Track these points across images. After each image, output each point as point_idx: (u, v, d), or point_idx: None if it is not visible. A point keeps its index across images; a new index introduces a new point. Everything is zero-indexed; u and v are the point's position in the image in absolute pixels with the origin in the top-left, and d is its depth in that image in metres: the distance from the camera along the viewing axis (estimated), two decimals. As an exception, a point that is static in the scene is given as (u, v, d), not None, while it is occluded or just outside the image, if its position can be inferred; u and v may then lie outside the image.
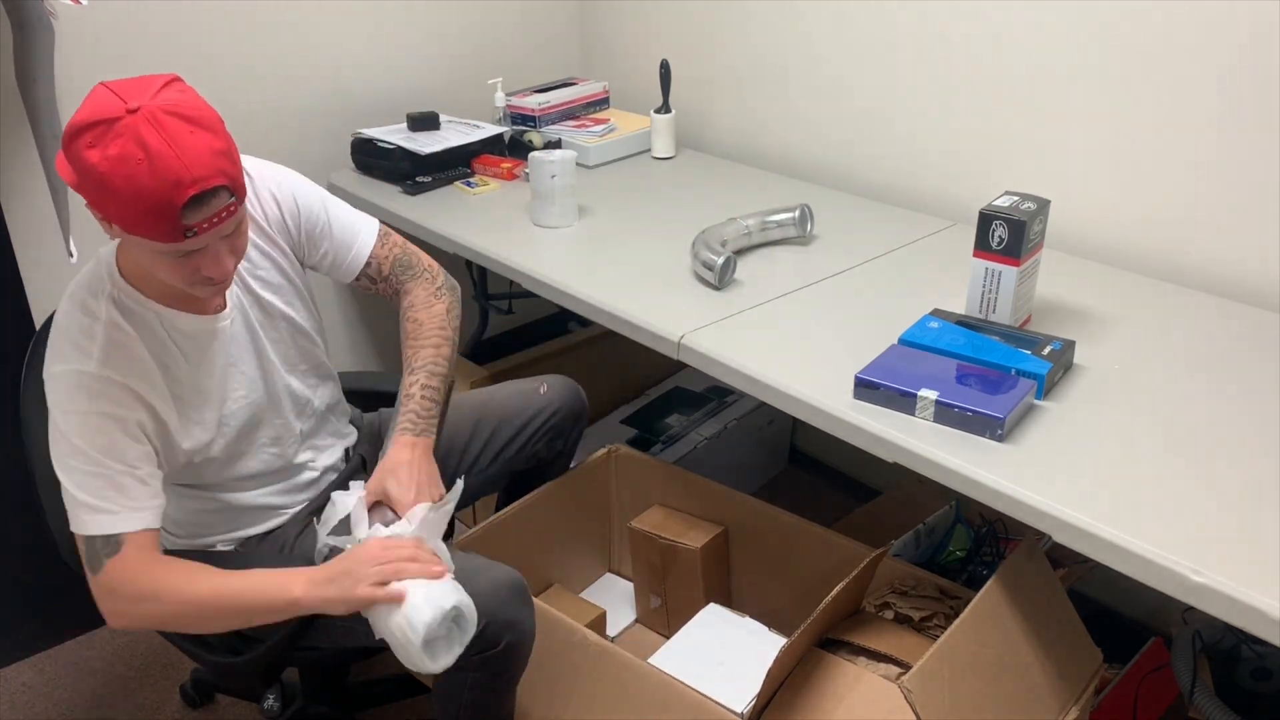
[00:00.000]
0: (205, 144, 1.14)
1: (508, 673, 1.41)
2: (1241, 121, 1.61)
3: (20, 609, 2.05)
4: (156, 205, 1.12)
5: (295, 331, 1.49)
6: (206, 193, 1.14)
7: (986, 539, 1.77)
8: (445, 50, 2.47)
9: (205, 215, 1.16)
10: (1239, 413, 1.33)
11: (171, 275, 1.22)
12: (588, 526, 1.96)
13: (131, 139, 1.10)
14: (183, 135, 1.12)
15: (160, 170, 1.11)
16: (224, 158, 1.16)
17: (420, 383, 1.49)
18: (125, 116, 1.11)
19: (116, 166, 1.10)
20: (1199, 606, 1.07)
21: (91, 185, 1.13)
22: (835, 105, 2.18)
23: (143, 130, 1.11)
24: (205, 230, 1.17)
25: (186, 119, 1.14)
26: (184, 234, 1.15)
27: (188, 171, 1.12)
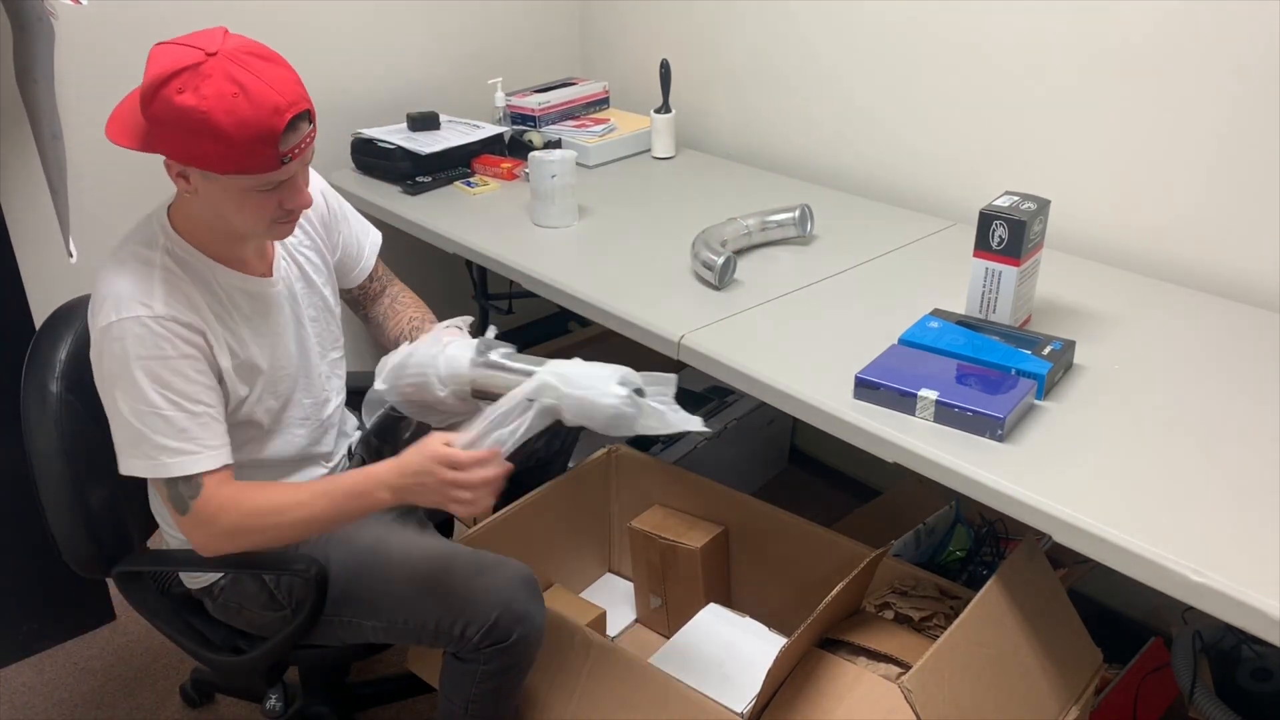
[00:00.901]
0: (285, 74, 1.22)
1: (517, 666, 1.42)
2: (1241, 121, 1.61)
3: (20, 609, 2.05)
4: (259, 133, 1.18)
5: (328, 313, 1.53)
6: (298, 116, 1.22)
7: (986, 539, 1.77)
8: (445, 50, 2.47)
9: (297, 140, 1.23)
10: (1239, 413, 1.33)
11: (256, 214, 1.27)
12: (588, 526, 1.96)
13: (223, 77, 1.17)
14: (266, 69, 1.20)
15: (257, 100, 1.17)
16: (302, 86, 1.24)
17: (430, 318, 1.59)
18: (207, 60, 1.17)
19: (216, 103, 1.16)
20: (1199, 606, 1.07)
21: (187, 131, 1.18)
22: (835, 105, 2.18)
23: (230, 68, 1.17)
24: (296, 155, 1.24)
25: (261, 56, 1.21)
26: (281, 160, 1.22)
27: (282, 98, 1.19)
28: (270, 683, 1.66)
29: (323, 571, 1.40)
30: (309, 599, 1.40)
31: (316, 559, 1.40)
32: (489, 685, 1.42)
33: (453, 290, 2.59)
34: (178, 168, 1.23)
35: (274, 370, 1.41)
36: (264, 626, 1.48)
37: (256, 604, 1.47)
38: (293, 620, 1.42)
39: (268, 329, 1.40)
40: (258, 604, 1.47)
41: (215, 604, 1.50)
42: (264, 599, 1.46)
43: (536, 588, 1.41)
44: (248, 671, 1.52)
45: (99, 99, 2.00)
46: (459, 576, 1.39)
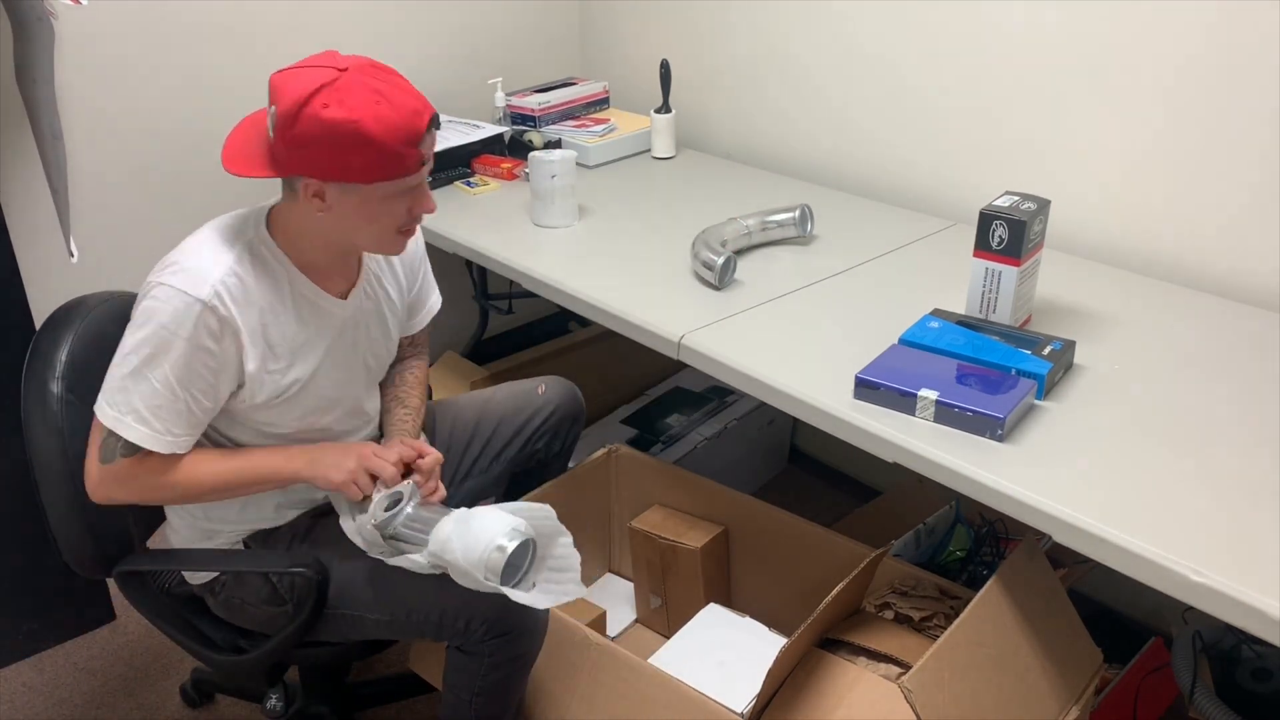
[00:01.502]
0: (407, 82, 1.27)
1: (523, 657, 1.43)
2: (1241, 121, 1.61)
3: (20, 609, 2.05)
4: (406, 135, 1.23)
5: (387, 354, 1.55)
6: (433, 118, 1.28)
7: (986, 539, 1.77)
8: (445, 50, 2.47)
9: (430, 143, 1.29)
10: (1239, 413, 1.33)
11: (388, 221, 1.32)
12: (588, 526, 1.96)
13: (363, 88, 1.22)
14: (394, 77, 1.26)
15: (400, 105, 1.23)
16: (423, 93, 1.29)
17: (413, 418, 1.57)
18: (341, 75, 1.22)
19: (365, 111, 1.21)
20: (1199, 606, 1.07)
21: (335, 144, 1.21)
22: (835, 105, 2.18)
23: (366, 79, 1.22)
24: (428, 158, 1.30)
25: (385, 68, 1.26)
26: (421, 161, 1.28)
27: (419, 100, 1.26)
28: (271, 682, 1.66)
29: (324, 570, 1.40)
30: (311, 595, 1.40)
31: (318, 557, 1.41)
32: (494, 677, 1.42)
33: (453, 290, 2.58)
34: (315, 187, 1.26)
35: (317, 382, 1.41)
36: (266, 623, 1.48)
37: (259, 599, 1.47)
38: (295, 617, 1.42)
39: (321, 347, 1.41)
40: (260, 599, 1.47)
41: (217, 600, 1.50)
42: (266, 594, 1.46)
43: None
44: (249, 671, 1.52)
45: (99, 99, 2.00)
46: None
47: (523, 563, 1.32)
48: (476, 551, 1.28)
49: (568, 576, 1.35)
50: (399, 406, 1.57)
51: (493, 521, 1.30)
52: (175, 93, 2.09)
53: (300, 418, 1.43)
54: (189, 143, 2.13)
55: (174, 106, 2.10)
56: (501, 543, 1.27)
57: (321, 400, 1.44)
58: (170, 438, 1.30)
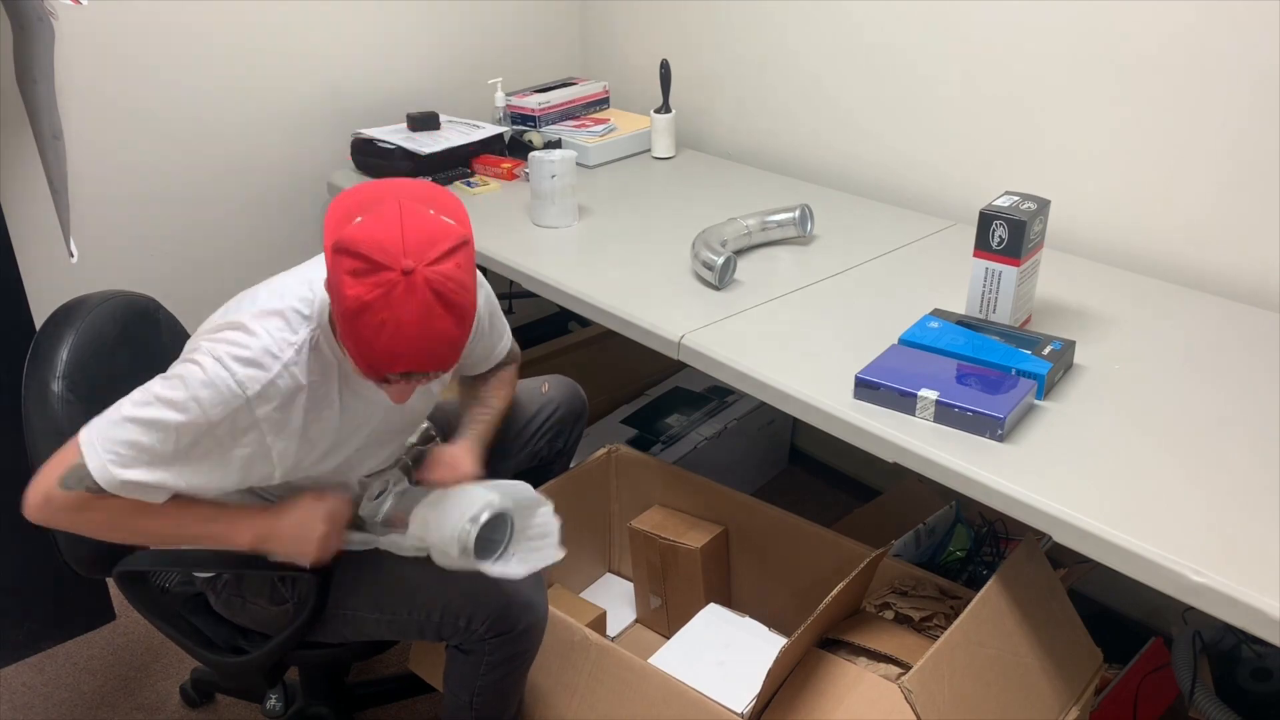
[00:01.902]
0: (445, 335, 1.16)
1: (523, 655, 1.43)
2: (1242, 121, 1.61)
3: (20, 609, 2.05)
4: (372, 360, 1.16)
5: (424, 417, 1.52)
6: (414, 373, 1.18)
7: (986, 539, 1.77)
8: (445, 50, 2.47)
9: (407, 380, 1.20)
10: (1239, 413, 1.34)
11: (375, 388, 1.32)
12: (588, 526, 1.96)
13: (384, 303, 1.12)
14: (431, 319, 1.14)
15: (392, 341, 1.13)
16: (452, 350, 1.18)
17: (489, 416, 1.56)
18: (398, 275, 1.12)
19: (362, 311, 1.12)
20: (1199, 606, 1.07)
21: (342, 310, 1.14)
22: (835, 105, 2.18)
23: (401, 299, 1.12)
24: (402, 384, 1.23)
25: (446, 300, 1.14)
26: (382, 381, 1.20)
27: (413, 358, 1.15)
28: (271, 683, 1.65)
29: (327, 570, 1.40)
30: (312, 593, 1.40)
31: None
32: (495, 676, 1.43)
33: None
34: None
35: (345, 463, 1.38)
36: (267, 622, 1.48)
37: (261, 598, 1.47)
38: (296, 616, 1.42)
39: (364, 433, 1.37)
40: (262, 598, 1.47)
41: (218, 598, 1.50)
42: (268, 592, 1.46)
43: (540, 577, 1.42)
44: (249, 671, 1.52)
45: (99, 99, 2.00)
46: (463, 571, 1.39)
47: (501, 537, 1.31)
48: (449, 528, 1.27)
49: (546, 542, 1.33)
50: (479, 405, 1.56)
51: (467, 498, 1.29)
52: (175, 92, 2.09)
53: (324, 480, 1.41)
54: (189, 142, 2.13)
55: (174, 106, 2.10)
56: (474, 514, 1.26)
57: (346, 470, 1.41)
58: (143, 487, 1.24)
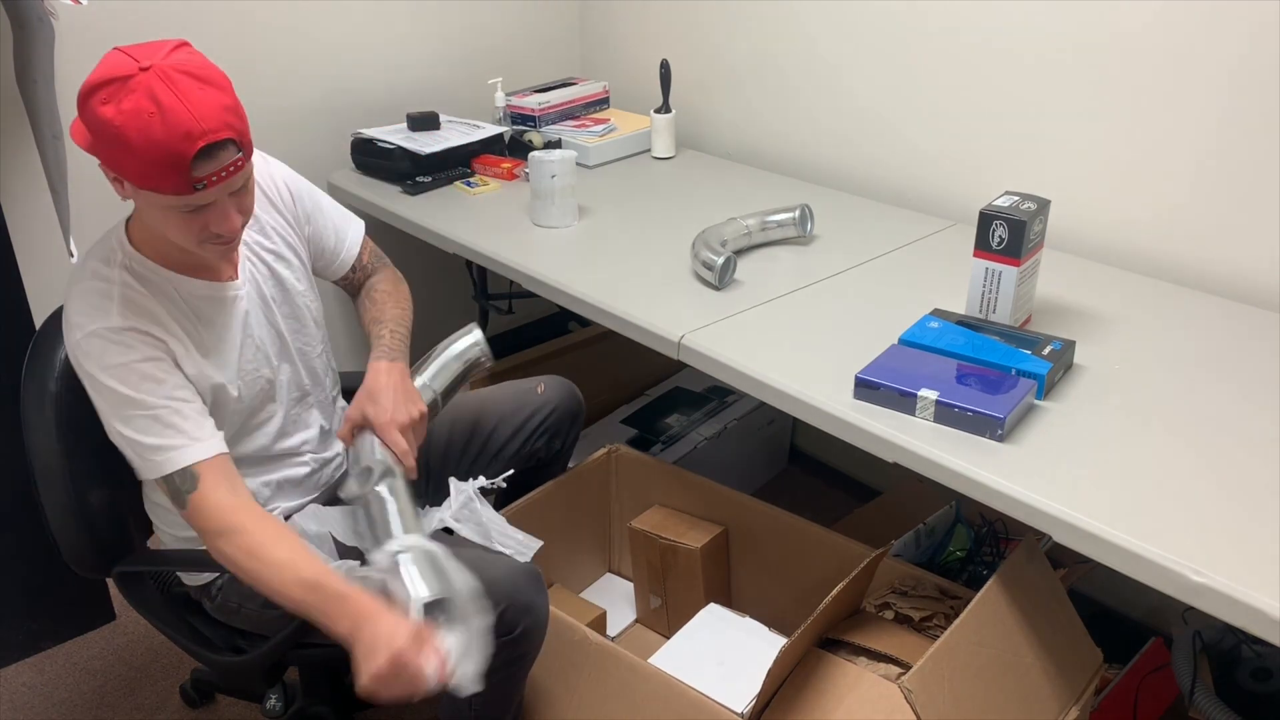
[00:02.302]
0: (214, 100, 1.19)
1: (524, 657, 1.43)
2: (1242, 121, 1.61)
3: (20, 609, 2.05)
4: (168, 156, 1.16)
5: (306, 310, 1.52)
6: (215, 145, 1.18)
7: (986, 539, 1.77)
8: (445, 50, 2.47)
9: (214, 168, 1.20)
10: (1239, 413, 1.33)
11: (181, 232, 1.26)
12: (588, 526, 1.96)
13: (144, 94, 1.15)
14: (193, 91, 1.17)
15: (171, 123, 1.15)
16: (232, 113, 1.21)
17: (389, 329, 1.55)
18: (138, 74, 1.16)
19: (130, 120, 1.15)
20: (1199, 606, 1.07)
21: (106, 141, 1.18)
22: (835, 105, 2.18)
23: (155, 86, 1.15)
24: (214, 184, 1.21)
25: (196, 77, 1.18)
26: (193, 186, 1.19)
27: (197, 124, 1.16)
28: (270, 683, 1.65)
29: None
30: None
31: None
32: (495, 677, 1.42)
33: (453, 290, 2.59)
34: (110, 173, 1.23)
35: (245, 373, 1.41)
36: (263, 625, 1.48)
37: (255, 602, 1.46)
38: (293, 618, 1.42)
39: (237, 332, 1.40)
40: (257, 602, 1.46)
41: (214, 604, 1.50)
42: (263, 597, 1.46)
43: (540, 579, 1.42)
44: (248, 671, 1.51)
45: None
46: None
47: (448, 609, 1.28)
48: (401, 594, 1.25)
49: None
50: (375, 326, 1.57)
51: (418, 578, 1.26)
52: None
53: (252, 415, 1.44)
54: (189, 143, 2.13)
55: (174, 106, 2.10)
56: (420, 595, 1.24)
57: (260, 385, 1.44)
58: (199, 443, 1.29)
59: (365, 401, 1.44)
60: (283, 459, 1.50)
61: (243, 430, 1.44)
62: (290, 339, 1.49)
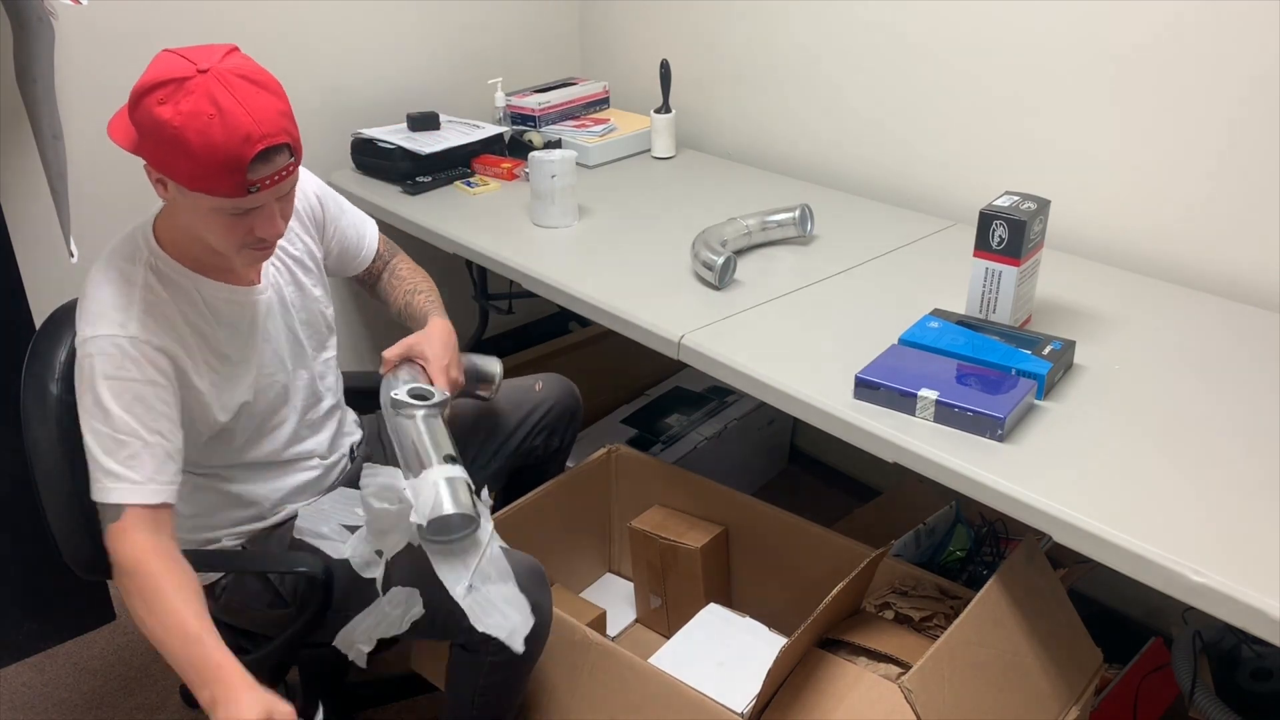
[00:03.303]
0: (271, 104, 1.21)
1: (527, 656, 1.42)
2: (1242, 121, 1.61)
3: (20, 609, 2.05)
4: (227, 159, 1.17)
5: (320, 315, 1.53)
6: (272, 149, 1.20)
7: (986, 539, 1.77)
8: (445, 50, 2.47)
9: (268, 172, 1.21)
10: (1239, 413, 1.33)
11: (225, 235, 1.26)
12: (588, 526, 1.96)
13: (204, 96, 1.16)
14: (251, 95, 1.19)
15: (231, 125, 1.16)
16: (287, 119, 1.23)
17: (430, 297, 1.63)
18: (196, 76, 1.17)
19: (190, 121, 1.16)
20: (1199, 606, 1.07)
21: (160, 142, 1.18)
22: (835, 105, 2.18)
23: (214, 89, 1.16)
24: (267, 187, 1.22)
25: (253, 81, 1.20)
26: (248, 189, 1.21)
27: (257, 128, 1.18)
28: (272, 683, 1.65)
29: (330, 570, 1.40)
30: (314, 597, 1.40)
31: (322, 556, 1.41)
32: (498, 676, 1.43)
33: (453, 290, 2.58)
34: (156, 174, 1.24)
35: (262, 378, 1.42)
36: (267, 625, 1.48)
37: (260, 603, 1.47)
38: (297, 618, 1.42)
39: (257, 337, 1.41)
40: (261, 603, 1.47)
41: (217, 604, 1.49)
42: (269, 598, 1.46)
43: (544, 577, 1.42)
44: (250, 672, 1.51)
45: (99, 99, 2.00)
46: None
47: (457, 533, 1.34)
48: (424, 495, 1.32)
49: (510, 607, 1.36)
50: (414, 295, 1.62)
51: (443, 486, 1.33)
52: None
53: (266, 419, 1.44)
54: (189, 143, 2.13)
55: (174, 106, 2.10)
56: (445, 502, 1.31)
57: (276, 390, 1.44)
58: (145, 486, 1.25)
59: (424, 341, 1.51)
60: (293, 464, 1.51)
61: (257, 434, 1.44)
62: (307, 344, 1.50)
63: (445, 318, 1.59)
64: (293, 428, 1.49)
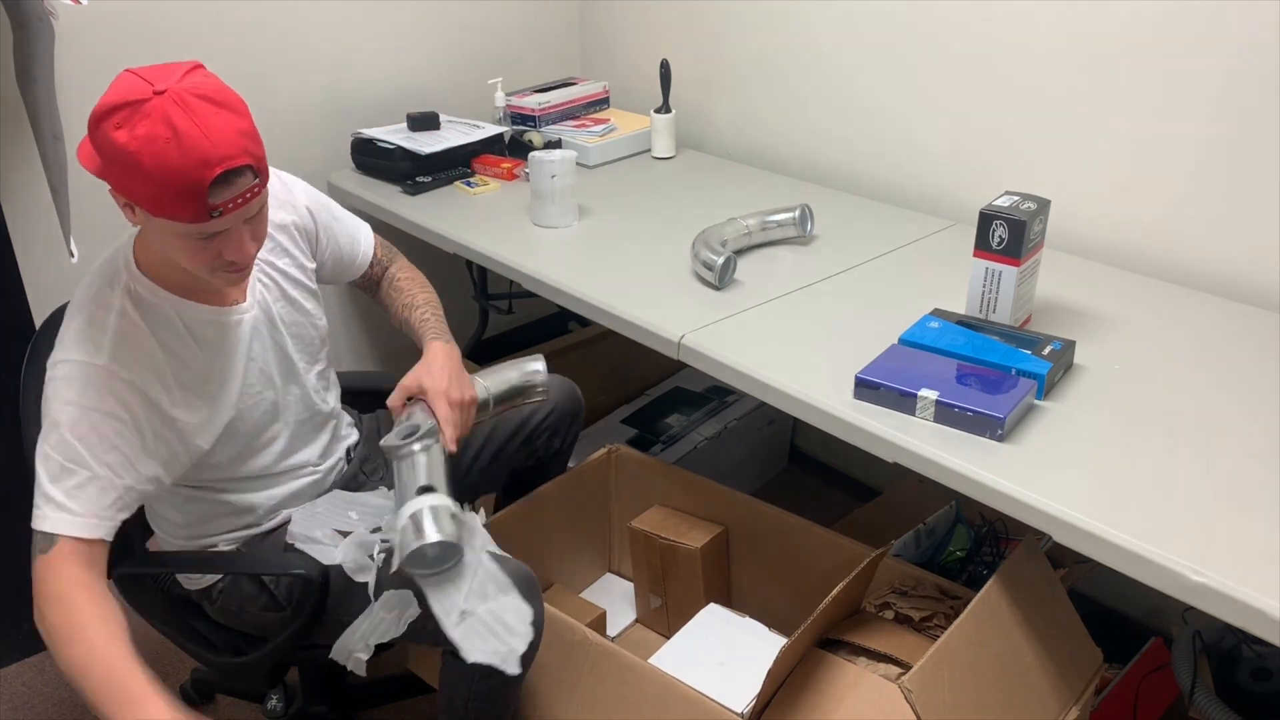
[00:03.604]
0: (231, 124, 1.16)
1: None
2: (1242, 121, 1.61)
3: (20, 609, 2.05)
4: (184, 184, 1.13)
5: (311, 328, 1.51)
6: (232, 171, 1.16)
7: (986, 539, 1.77)
8: (445, 50, 2.47)
9: (231, 195, 1.17)
10: (1239, 412, 1.33)
11: (194, 259, 1.23)
12: (588, 526, 1.96)
13: (159, 119, 1.12)
14: (209, 116, 1.14)
15: (188, 149, 1.13)
16: (248, 138, 1.18)
17: (430, 312, 1.59)
18: (153, 98, 1.13)
19: (145, 146, 1.12)
20: (1199, 606, 1.07)
21: (119, 167, 1.15)
22: (835, 105, 2.18)
23: (170, 111, 1.12)
24: (230, 210, 1.18)
25: (212, 101, 1.16)
26: (210, 213, 1.17)
27: (215, 150, 1.14)
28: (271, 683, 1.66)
29: (325, 573, 1.40)
30: (310, 599, 1.40)
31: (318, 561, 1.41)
32: (488, 684, 1.42)
33: (453, 290, 2.59)
34: (121, 199, 1.20)
35: (247, 396, 1.40)
36: (264, 627, 1.48)
37: (256, 605, 1.47)
38: (293, 620, 1.42)
39: (239, 360, 1.38)
40: (257, 605, 1.47)
41: (214, 607, 1.50)
42: (264, 600, 1.46)
43: (536, 586, 1.41)
44: (248, 672, 1.52)
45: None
46: None
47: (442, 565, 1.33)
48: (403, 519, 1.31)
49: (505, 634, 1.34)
50: (411, 311, 1.60)
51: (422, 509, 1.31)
52: (175, 93, 2.09)
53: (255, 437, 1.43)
54: (189, 143, 2.13)
55: (174, 106, 2.10)
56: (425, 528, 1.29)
57: (264, 407, 1.43)
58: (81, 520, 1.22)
59: (422, 373, 1.46)
60: (287, 474, 1.50)
61: (247, 450, 1.43)
62: (297, 359, 1.48)
63: (443, 337, 1.54)
64: (285, 442, 1.48)
